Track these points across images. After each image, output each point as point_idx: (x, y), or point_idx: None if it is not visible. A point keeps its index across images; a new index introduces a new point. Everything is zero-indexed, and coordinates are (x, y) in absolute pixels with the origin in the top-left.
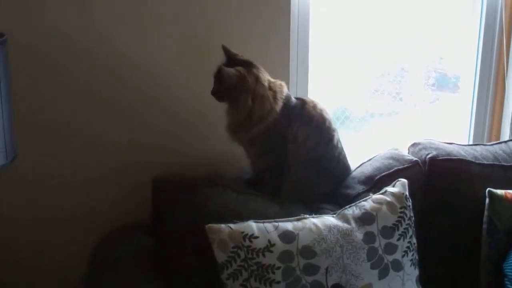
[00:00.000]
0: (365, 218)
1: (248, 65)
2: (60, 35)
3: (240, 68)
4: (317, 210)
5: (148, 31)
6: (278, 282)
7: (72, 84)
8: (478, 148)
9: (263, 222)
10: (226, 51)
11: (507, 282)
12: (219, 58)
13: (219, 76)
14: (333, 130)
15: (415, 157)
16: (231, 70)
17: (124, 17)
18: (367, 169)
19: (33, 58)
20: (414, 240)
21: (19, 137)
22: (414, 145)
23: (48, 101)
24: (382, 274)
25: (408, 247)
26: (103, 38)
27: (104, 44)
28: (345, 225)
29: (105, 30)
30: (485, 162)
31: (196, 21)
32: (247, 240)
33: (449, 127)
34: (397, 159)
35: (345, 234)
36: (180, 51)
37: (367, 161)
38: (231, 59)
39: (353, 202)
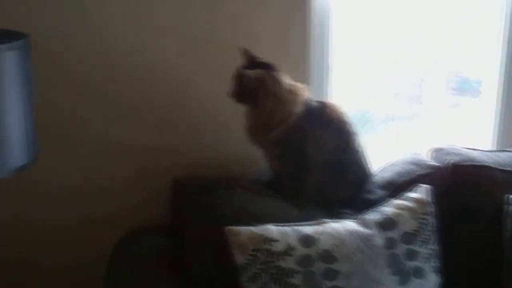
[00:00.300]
0: (386, 223)
1: (269, 67)
2: (71, 40)
3: (260, 71)
4: (337, 215)
5: (161, 34)
6: (298, 286)
7: (90, 88)
8: (501, 154)
9: (283, 226)
10: (246, 53)
11: None
12: (236, 60)
13: (239, 78)
14: (354, 134)
15: (437, 162)
16: (251, 73)
17: (135, 22)
18: (388, 174)
19: (52, 63)
20: (436, 247)
21: (43, 136)
22: (436, 150)
23: (68, 104)
24: (403, 281)
25: (430, 254)
26: (115, 42)
27: (117, 50)
28: (366, 230)
29: (116, 36)
30: (509, 169)
31: (213, 23)
32: (266, 243)
33: (471, 132)
34: (418, 164)
35: (366, 239)
36: (195, 54)
37: (388, 165)
38: (251, 62)
39: (374, 207)
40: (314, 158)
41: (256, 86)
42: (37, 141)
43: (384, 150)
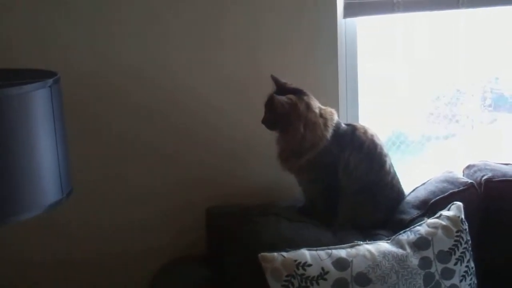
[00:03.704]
0: (420, 243)
1: (299, 92)
2: (117, 65)
3: (291, 96)
4: (371, 236)
5: (189, 71)
6: None
7: (122, 125)
8: None
9: (316, 250)
10: (275, 80)
11: None
12: (265, 89)
13: (270, 104)
14: (385, 155)
15: (470, 179)
16: (282, 98)
17: (184, 48)
18: (421, 193)
19: (90, 89)
20: (472, 264)
21: (77, 174)
22: (469, 167)
23: (100, 140)
24: None
25: (466, 272)
26: (162, 68)
27: (163, 74)
28: (400, 251)
29: (165, 61)
30: None
31: (241, 52)
32: (300, 268)
33: (509, 148)
34: (451, 182)
35: (400, 260)
36: (224, 86)
37: (421, 185)
38: (281, 88)
39: (407, 227)
40: (346, 181)
41: (288, 111)
42: (70, 177)
43: (421, 171)
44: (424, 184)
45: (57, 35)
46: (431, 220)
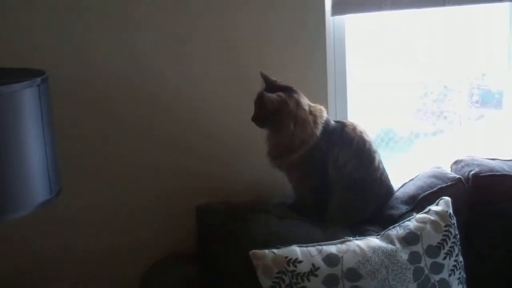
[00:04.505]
0: (410, 238)
1: (288, 90)
2: (100, 67)
3: (281, 93)
4: (361, 232)
5: (189, 60)
6: None
7: (114, 114)
8: None
9: (306, 246)
10: (265, 77)
11: None
12: (258, 85)
13: (260, 101)
14: (374, 152)
15: (458, 174)
16: (272, 96)
17: (167, 48)
18: (410, 189)
19: (76, 91)
20: (460, 258)
21: (67, 172)
22: (456, 162)
23: (89, 131)
24: None
25: (454, 266)
26: (145, 69)
27: (146, 74)
28: (390, 246)
29: (147, 62)
30: None
31: (231, 51)
32: (291, 264)
33: (496, 143)
34: (439, 177)
35: (390, 255)
36: (222, 79)
37: (410, 180)
38: (271, 85)
39: (397, 223)
40: (335, 178)
41: (278, 108)
42: (60, 177)
43: (410, 167)
44: (412, 179)
45: (45, 35)
46: (420, 215)
